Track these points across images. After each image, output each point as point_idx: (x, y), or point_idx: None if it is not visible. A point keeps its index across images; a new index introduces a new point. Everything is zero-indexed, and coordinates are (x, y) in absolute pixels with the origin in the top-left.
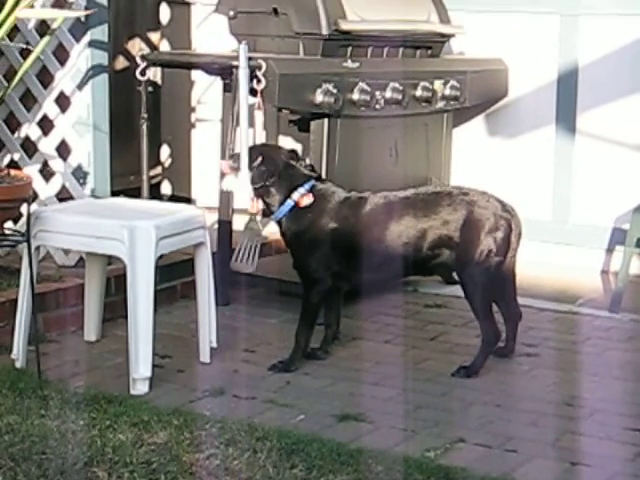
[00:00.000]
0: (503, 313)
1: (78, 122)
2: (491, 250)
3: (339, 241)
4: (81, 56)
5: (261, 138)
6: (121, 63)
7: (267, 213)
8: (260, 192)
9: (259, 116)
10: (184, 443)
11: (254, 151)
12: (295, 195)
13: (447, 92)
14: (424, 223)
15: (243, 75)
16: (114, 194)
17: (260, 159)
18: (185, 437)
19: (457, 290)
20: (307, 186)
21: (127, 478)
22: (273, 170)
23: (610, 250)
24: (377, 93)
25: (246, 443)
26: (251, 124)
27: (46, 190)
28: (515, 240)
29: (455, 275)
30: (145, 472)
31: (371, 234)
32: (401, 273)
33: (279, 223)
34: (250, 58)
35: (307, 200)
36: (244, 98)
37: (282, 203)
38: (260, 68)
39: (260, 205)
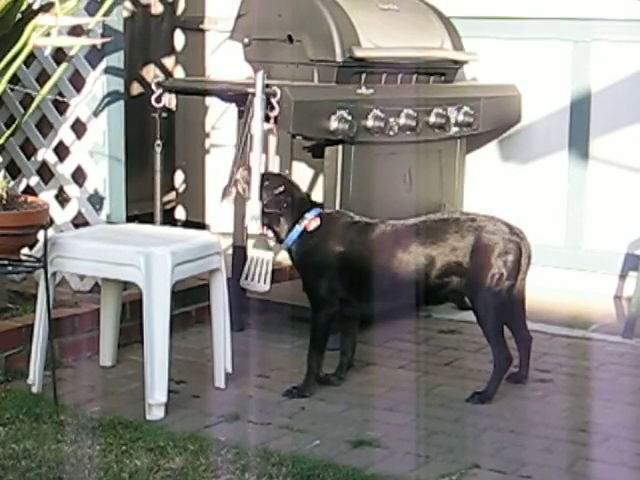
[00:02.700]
0: (515, 338)
1: (94, 148)
2: (502, 274)
3: (345, 265)
4: (97, 83)
5: (274, 164)
6: (136, 89)
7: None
8: (269, 219)
9: (272, 142)
10: (200, 468)
11: (273, 179)
12: (303, 221)
13: (460, 118)
14: (432, 250)
15: (259, 102)
16: (129, 219)
17: (282, 188)
18: (201, 462)
19: (470, 315)
20: (314, 211)
21: None
22: (289, 198)
23: (623, 276)
24: (391, 120)
25: (262, 469)
26: (263, 150)
27: (62, 216)
28: (525, 263)
29: (467, 300)
30: None
31: (378, 260)
32: (411, 301)
33: (289, 250)
34: (266, 85)
35: (315, 224)
36: (259, 125)
37: (290, 230)
38: (275, 95)
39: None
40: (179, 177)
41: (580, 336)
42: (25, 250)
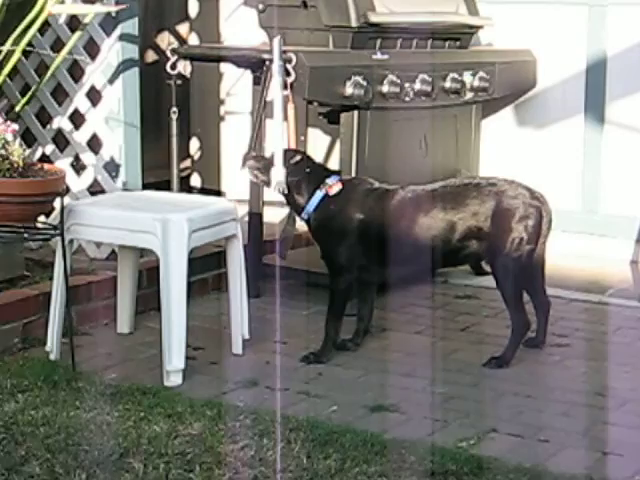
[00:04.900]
0: (534, 303)
1: (109, 116)
2: (522, 238)
3: (365, 231)
4: (112, 50)
5: (292, 130)
6: (150, 57)
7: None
8: (292, 187)
9: (290, 109)
10: (218, 434)
11: (289, 151)
12: (325, 186)
13: (476, 83)
14: (453, 215)
15: (277, 69)
16: (145, 187)
17: (299, 157)
18: (219, 428)
19: (487, 281)
20: (335, 177)
21: (162, 469)
22: (310, 164)
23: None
24: (406, 85)
25: (280, 434)
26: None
27: (78, 183)
28: (545, 228)
29: (485, 265)
30: (180, 463)
31: (399, 226)
32: (431, 266)
33: (308, 219)
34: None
35: (337, 188)
36: (279, 92)
37: (311, 196)
38: (290, 61)
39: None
40: (194, 144)
41: (597, 301)
42: (42, 218)
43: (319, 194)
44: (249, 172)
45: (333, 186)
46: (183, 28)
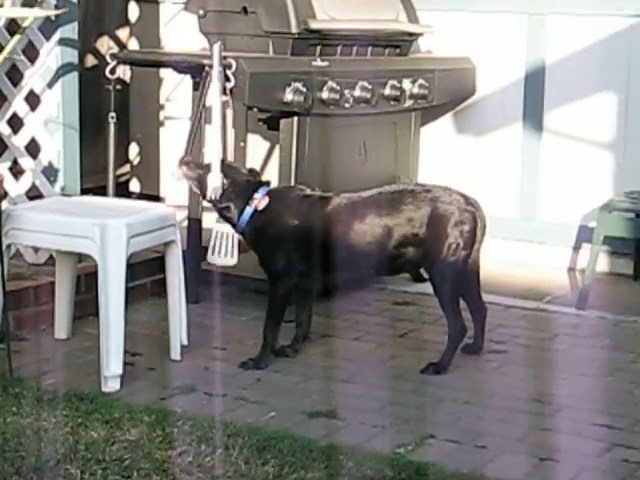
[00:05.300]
0: (470, 309)
1: (48, 120)
2: (458, 244)
3: (300, 237)
4: (51, 54)
5: (230, 137)
6: (90, 61)
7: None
8: (223, 210)
9: (229, 115)
10: (156, 440)
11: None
12: (253, 201)
13: (415, 91)
14: (389, 221)
15: (217, 74)
16: (83, 192)
17: (225, 182)
18: (157, 434)
19: (425, 287)
20: (262, 191)
21: (100, 475)
22: (234, 188)
23: (577, 248)
24: (346, 92)
25: (218, 440)
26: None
27: (16, 188)
28: (480, 233)
29: (424, 272)
30: (118, 469)
31: (334, 233)
32: (368, 273)
33: (243, 233)
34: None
35: (264, 202)
36: (218, 97)
37: (242, 213)
38: (230, 67)
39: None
40: (134, 149)
41: (534, 307)
42: None
43: (249, 210)
44: (186, 179)
45: (261, 201)
46: (123, 33)
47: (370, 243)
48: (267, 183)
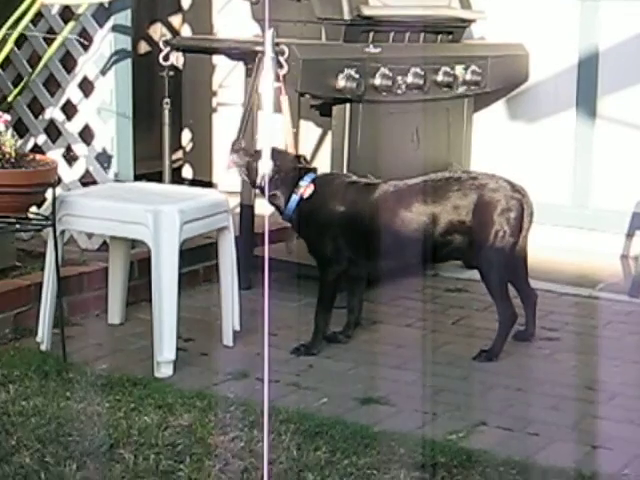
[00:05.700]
0: (520, 296)
1: (101, 107)
2: (505, 231)
3: (347, 224)
4: (104, 41)
5: (286, 123)
6: (143, 48)
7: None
8: (270, 197)
9: (284, 102)
10: (208, 425)
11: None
12: (299, 189)
13: (468, 77)
14: (435, 209)
15: (269, 61)
16: (137, 178)
17: (274, 170)
18: (209, 419)
19: (477, 274)
20: (307, 178)
21: (153, 460)
22: (280, 174)
23: (630, 235)
24: (399, 78)
25: (270, 426)
26: (276, 109)
27: (70, 174)
28: (527, 220)
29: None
30: (170, 454)
31: (380, 219)
32: (417, 260)
33: (290, 220)
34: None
35: (309, 190)
36: (270, 84)
37: (288, 201)
38: (283, 53)
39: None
40: (186, 136)
41: (587, 295)
42: (33, 209)
43: (295, 198)
44: (236, 167)
45: (306, 189)
46: (176, 20)
47: (416, 230)
48: (314, 170)
